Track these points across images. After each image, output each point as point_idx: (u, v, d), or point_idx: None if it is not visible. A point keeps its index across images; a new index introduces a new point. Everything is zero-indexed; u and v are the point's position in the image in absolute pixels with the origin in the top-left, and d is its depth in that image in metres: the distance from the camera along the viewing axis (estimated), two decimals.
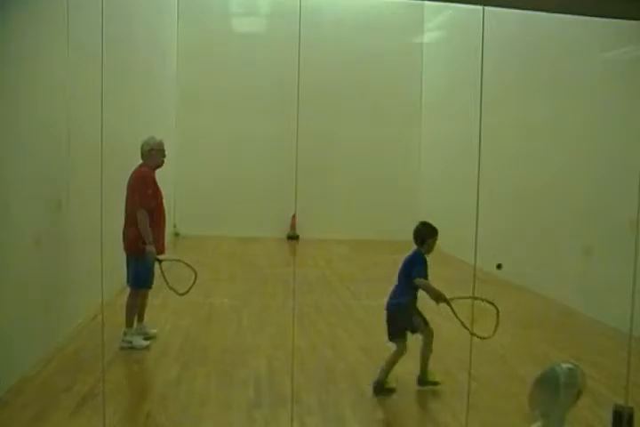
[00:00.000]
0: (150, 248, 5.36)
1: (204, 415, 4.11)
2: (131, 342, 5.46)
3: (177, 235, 12.72)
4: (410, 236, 4.74)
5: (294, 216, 12.99)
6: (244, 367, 5.05)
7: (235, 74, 13.12)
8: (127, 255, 5.60)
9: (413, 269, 4.58)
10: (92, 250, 5.68)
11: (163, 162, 5.72)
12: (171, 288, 5.47)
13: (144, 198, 5.40)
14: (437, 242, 4.71)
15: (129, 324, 5.54)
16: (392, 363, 4.58)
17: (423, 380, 4.69)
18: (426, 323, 4.66)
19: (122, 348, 5.44)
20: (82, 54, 5.57)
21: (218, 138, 13.14)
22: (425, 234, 4.69)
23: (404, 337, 4.61)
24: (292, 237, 13.28)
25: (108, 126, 5.58)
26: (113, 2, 6.92)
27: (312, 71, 10.01)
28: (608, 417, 3.05)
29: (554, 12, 4.01)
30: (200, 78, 13.08)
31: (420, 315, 4.70)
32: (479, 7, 3.59)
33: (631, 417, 2.88)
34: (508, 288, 8.56)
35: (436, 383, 4.68)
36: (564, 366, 2.75)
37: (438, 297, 4.46)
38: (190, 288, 5.48)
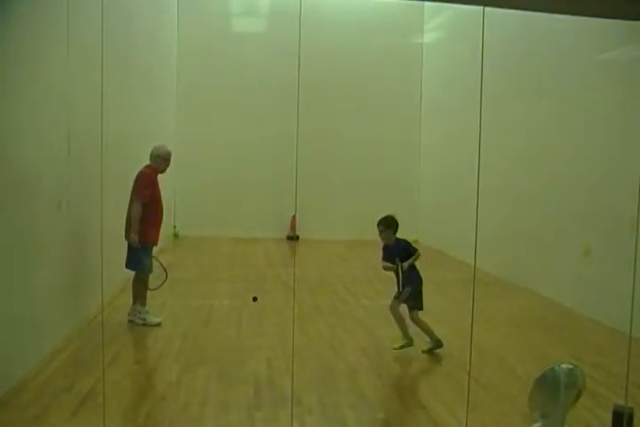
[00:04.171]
0: (133, 236, 5.96)
1: (204, 415, 4.11)
2: (144, 320, 6.10)
3: (176, 236, 12.69)
4: (409, 236, 4.76)
5: (294, 217, 12.98)
6: (244, 367, 5.05)
7: (235, 74, 13.12)
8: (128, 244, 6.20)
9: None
10: (92, 250, 5.71)
11: (165, 169, 6.34)
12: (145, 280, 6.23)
13: (139, 194, 6.07)
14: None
15: (143, 302, 6.21)
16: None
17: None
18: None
19: (131, 321, 6.12)
20: (82, 54, 5.57)
21: (217, 138, 13.13)
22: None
23: None
24: (292, 238, 13.28)
25: (108, 126, 5.59)
26: (113, 2, 6.92)
27: (312, 71, 10.01)
28: (608, 418, 3.05)
29: (553, 13, 4.02)
30: (200, 78, 13.08)
31: None
32: (479, 8, 3.60)
33: (631, 417, 2.89)
34: (507, 289, 8.57)
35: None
36: (564, 366, 2.76)
37: None
38: (160, 286, 6.30)
